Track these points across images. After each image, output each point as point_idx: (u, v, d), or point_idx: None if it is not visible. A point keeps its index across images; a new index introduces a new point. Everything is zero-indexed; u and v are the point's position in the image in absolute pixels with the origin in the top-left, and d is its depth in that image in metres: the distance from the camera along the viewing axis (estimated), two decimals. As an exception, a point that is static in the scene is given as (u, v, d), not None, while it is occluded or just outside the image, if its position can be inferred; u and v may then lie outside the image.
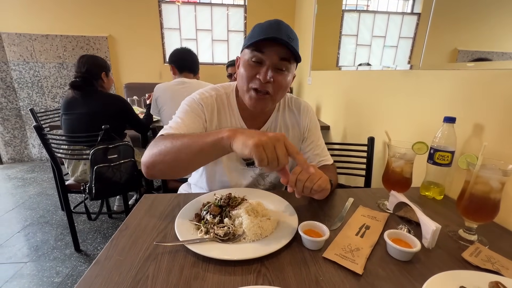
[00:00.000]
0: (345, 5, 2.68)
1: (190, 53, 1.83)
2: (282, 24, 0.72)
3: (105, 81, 1.72)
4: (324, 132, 2.13)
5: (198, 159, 0.67)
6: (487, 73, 0.80)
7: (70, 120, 1.61)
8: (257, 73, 0.73)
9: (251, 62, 0.73)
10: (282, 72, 0.74)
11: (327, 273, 0.50)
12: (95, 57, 1.70)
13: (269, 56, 0.71)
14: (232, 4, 3.25)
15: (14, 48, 2.91)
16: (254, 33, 0.73)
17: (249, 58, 0.74)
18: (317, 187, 0.66)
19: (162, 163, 0.67)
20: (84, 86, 1.58)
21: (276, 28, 0.71)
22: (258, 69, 0.73)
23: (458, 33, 1.35)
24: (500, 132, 0.74)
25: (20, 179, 2.81)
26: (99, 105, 1.61)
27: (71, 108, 1.60)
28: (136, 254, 0.54)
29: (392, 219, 0.71)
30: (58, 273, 1.52)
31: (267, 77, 0.71)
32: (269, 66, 0.72)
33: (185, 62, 1.81)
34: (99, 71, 1.66)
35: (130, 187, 1.60)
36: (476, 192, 0.59)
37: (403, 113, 1.20)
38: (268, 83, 0.73)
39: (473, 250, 0.57)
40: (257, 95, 0.75)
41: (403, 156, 0.75)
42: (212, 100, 0.84)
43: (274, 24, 0.72)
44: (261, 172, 0.91)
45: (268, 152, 0.52)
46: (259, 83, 0.73)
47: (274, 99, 0.78)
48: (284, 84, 0.76)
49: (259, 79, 0.73)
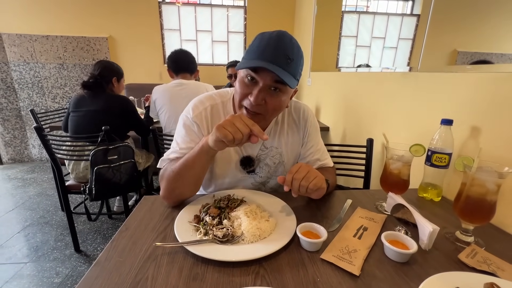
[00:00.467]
0: (344, 6, 2.69)
1: (183, 53, 1.84)
2: (283, 42, 0.67)
3: (116, 86, 1.79)
4: (324, 134, 2.14)
5: (197, 171, 0.74)
6: (485, 76, 0.81)
7: (76, 117, 1.65)
8: (250, 93, 0.70)
9: (246, 80, 0.71)
10: (275, 93, 0.71)
11: (325, 274, 0.51)
12: (110, 62, 1.79)
13: (263, 77, 0.68)
14: (232, 5, 3.25)
15: (15, 49, 2.92)
16: (253, 46, 0.70)
17: (244, 75, 0.71)
18: (313, 186, 0.66)
19: (177, 190, 0.74)
20: (94, 87, 1.65)
21: (274, 48, 0.66)
22: (251, 89, 0.70)
23: (457, 35, 1.35)
24: (496, 134, 0.75)
25: (20, 179, 2.81)
26: (106, 104, 1.65)
27: (78, 106, 1.65)
28: (136, 255, 0.55)
29: (390, 220, 0.72)
30: (58, 273, 1.52)
31: (258, 100, 0.69)
32: (262, 88, 0.69)
33: (179, 62, 1.82)
34: (111, 75, 1.74)
35: (130, 188, 1.60)
36: (473, 194, 0.60)
37: (401, 115, 1.20)
38: (259, 105, 0.71)
39: (470, 252, 0.58)
40: (248, 113, 0.73)
41: (401, 158, 0.75)
42: (206, 113, 0.83)
43: (273, 41, 0.67)
44: (262, 180, 0.91)
45: (229, 128, 0.61)
46: (250, 103, 0.71)
47: (267, 119, 0.76)
48: (277, 105, 0.73)
49: (249, 99, 0.70)
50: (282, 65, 0.66)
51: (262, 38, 0.69)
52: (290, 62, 0.67)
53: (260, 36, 0.70)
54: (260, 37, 0.70)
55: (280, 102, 0.73)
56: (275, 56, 0.66)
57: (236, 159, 0.87)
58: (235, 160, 0.87)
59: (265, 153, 0.89)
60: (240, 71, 0.73)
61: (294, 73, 0.69)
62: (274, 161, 0.90)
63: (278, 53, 0.66)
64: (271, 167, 0.90)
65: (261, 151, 0.88)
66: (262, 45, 0.68)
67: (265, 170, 0.90)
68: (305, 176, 0.67)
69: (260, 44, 0.68)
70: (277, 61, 0.66)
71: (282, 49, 0.67)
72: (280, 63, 0.66)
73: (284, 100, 0.74)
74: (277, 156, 0.90)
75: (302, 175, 0.66)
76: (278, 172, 0.91)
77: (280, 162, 0.90)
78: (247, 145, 0.86)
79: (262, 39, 0.69)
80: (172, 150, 0.81)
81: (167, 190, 0.74)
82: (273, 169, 0.90)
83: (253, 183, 0.90)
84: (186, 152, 0.77)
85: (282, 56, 0.66)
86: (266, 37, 0.68)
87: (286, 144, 0.90)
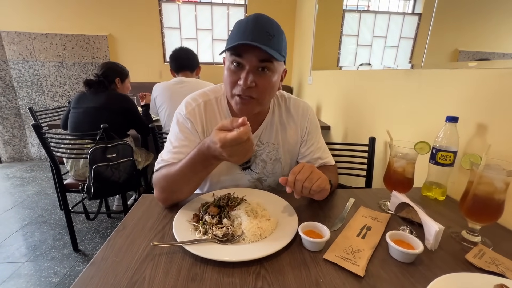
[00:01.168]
0: (346, 5, 2.68)
1: (183, 50, 1.83)
2: (260, 21, 0.67)
3: (119, 86, 1.79)
4: (325, 132, 2.12)
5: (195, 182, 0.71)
6: (490, 72, 0.79)
7: (76, 113, 1.64)
8: (239, 79, 0.69)
9: (232, 67, 0.70)
10: (264, 73, 0.69)
11: (328, 275, 0.49)
12: (115, 63, 1.80)
13: (248, 59, 0.67)
14: (232, 3, 3.24)
15: (14, 47, 2.90)
16: (233, 33, 0.69)
17: (230, 62, 0.70)
18: (316, 187, 0.65)
19: (174, 195, 0.72)
20: (96, 84, 1.65)
21: (253, 27, 0.66)
22: (239, 74, 0.69)
23: (459, 34, 1.34)
24: (504, 131, 0.73)
25: (19, 178, 2.80)
26: (107, 101, 1.64)
27: (79, 103, 1.65)
28: (133, 255, 0.53)
29: (394, 220, 0.70)
30: (56, 273, 1.51)
31: (247, 83, 0.67)
32: (250, 70, 0.68)
33: (179, 60, 1.82)
34: (114, 75, 1.75)
35: (129, 186, 1.59)
36: (480, 192, 0.58)
37: (404, 112, 1.19)
38: (250, 88, 0.69)
39: (477, 252, 0.56)
40: (241, 100, 0.71)
41: (405, 156, 0.74)
42: (199, 109, 0.81)
43: (251, 22, 0.66)
44: (259, 177, 0.89)
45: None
46: (241, 89, 0.69)
47: (261, 102, 0.74)
48: (268, 86, 0.72)
49: (240, 85, 0.69)
50: (264, 41, 0.65)
51: (240, 23, 0.69)
52: (272, 38, 0.67)
53: (237, 23, 0.70)
54: (237, 24, 0.70)
55: (271, 82, 0.72)
56: (255, 35, 0.65)
57: None
58: None
59: (261, 149, 0.87)
60: (225, 61, 0.72)
61: (278, 48, 0.68)
62: (271, 157, 0.88)
63: (258, 31, 0.65)
64: (267, 163, 0.88)
65: (257, 147, 0.86)
66: (241, 28, 0.67)
67: (261, 166, 0.88)
68: (308, 177, 0.65)
69: (239, 28, 0.68)
70: (259, 39, 0.65)
71: (261, 27, 0.66)
72: (262, 40, 0.65)
73: (275, 80, 0.73)
74: (274, 152, 0.88)
75: (305, 176, 0.65)
76: (275, 169, 0.89)
77: (276, 158, 0.88)
78: None
79: (240, 24, 0.69)
80: (166, 150, 0.79)
81: (161, 198, 0.72)
82: (269, 166, 0.88)
83: (249, 179, 0.88)
84: (180, 151, 0.76)
85: (263, 33, 0.66)
86: (243, 21, 0.69)
87: (283, 140, 0.88)
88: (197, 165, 0.65)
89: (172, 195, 0.72)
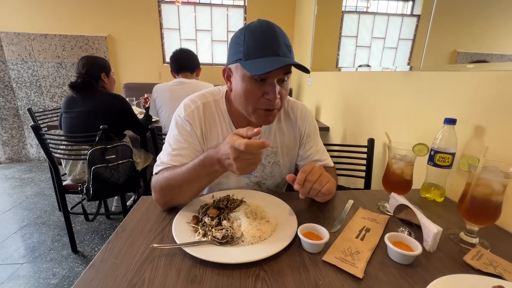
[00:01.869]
0: (345, 6, 2.68)
1: (183, 52, 1.82)
2: (277, 32, 0.66)
3: (106, 81, 1.70)
4: (324, 133, 2.13)
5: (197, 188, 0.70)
6: (488, 75, 0.79)
7: (69, 118, 1.60)
8: (264, 93, 0.68)
9: (255, 81, 0.67)
10: (285, 83, 0.71)
11: (327, 277, 0.50)
12: (95, 57, 1.68)
13: (275, 74, 0.67)
14: (232, 4, 3.24)
15: (13, 48, 2.90)
16: (250, 46, 0.65)
17: (252, 76, 0.67)
18: (325, 190, 0.65)
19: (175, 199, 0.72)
20: (83, 87, 1.57)
21: (273, 40, 0.64)
22: (263, 88, 0.68)
23: (457, 35, 1.35)
24: (502, 134, 0.74)
25: (18, 179, 2.79)
26: (98, 104, 1.59)
27: (71, 107, 1.59)
28: (132, 257, 0.53)
29: (393, 221, 0.70)
30: (55, 274, 1.50)
31: (277, 96, 0.68)
32: (276, 83, 0.68)
33: (179, 62, 1.81)
34: (99, 71, 1.65)
35: (128, 188, 1.58)
36: (478, 194, 0.59)
37: (403, 114, 1.19)
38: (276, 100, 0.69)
39: (475, 254, 0.57)
40: (267, 113, 0.71)
41: (404, 158, 0.74)
42: (198, 111, 0.80)
43: (270, 35, 0.65)
44: (257, 180, 0.89)
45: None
46: (269, 103, 0.68)
47: (280, 109, 0.76)
48: (286, 94, 0.74)
49: (268, 99, 0.68)
50: (287, 54, 0.66)
51: (254, 33, 0.66)
52: (291, 49, 0.68)
53: (249, 31, 0.67)
54: (250, 32, 0.67)
55: (287, 89, 0.74)
56: (280, 49, 0.65)
57: None
58: None
59: None
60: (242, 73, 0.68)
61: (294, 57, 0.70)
62: (269, 160, 0.88)
63: (279, 45, 0.66)
64: (266, 166, 0.88)
65: None
66: (259, 40, 0.65)
67: (259, 169, 0.88)
68: (318, 179, 0.65)
69: (256, 39, 0.66)
70: (284, 53, 0.66)
71: (281, 39, 0.66)
72: (286, 53, 0.66)
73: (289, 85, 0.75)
74: (272, 155, 0.88)
75: (315, 178, 0.65)
76: (273, 172, 0.90)
77: (275, 162, 0.89)
78: None
79: (255, 34, 0.66)
80: (165, 153, 0.78)
81: (161, 201, 0.72)
82: (268, 169, 0.89)
83: (248, 183, 0.88)
84: (179, 154, 0.76)
85: (284, 46, 0.66)
86: (257, 31, 0.66)
87: (282, 144, 0.88)
88: (202, 171, 0.64)
89: (172, 199, 0.71)
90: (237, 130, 0.57)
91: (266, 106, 0.70)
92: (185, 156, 0.76)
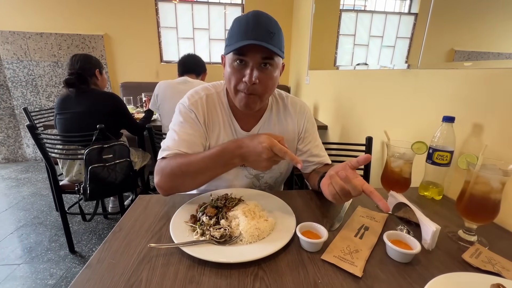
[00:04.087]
0: (342, 5, 2.68)
1: (190, 56, 1.92)
2: (261, 19, 0.69)
3: (99, 78, 1.69)
4: (322, 132, 2.12)
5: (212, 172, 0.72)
6: (486, 72, 0.79)
7: (64, 119, 1.58)
8: (243, 76, 0.71)
9: (235, 64, 0.71)
10: (267, 69, 0.72)
11: (326, 275, 0.49)
12: (88, 55, 1.67)
13: (252, 57, 0.69)
14: (229, 3, 3.23)
15: (8, 46, 2.87)
16: (233, 31, 0.71)
17: (232, 60, 0.72)
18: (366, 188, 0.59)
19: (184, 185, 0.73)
20: (78, 83, 1.55)
21: (255, 26, 0.67)
22: (243, 71, 0.71)
23: (455, 34, 1.35)
24: (500, 131, 0.74)
25: (14, 179, 2.77)
26: (93, 103, 1.57)
27: (65, 108, 1.56)
28: (129, 257, 0.53)
29: (391, 219, 0.70)
30: (52, 275, 1.49)
31: (252, 79, 0.70)
32: (253, 67, 0.70)
33: (186, 65, 1.88)
34: (93, 68, 1.64)
35: (125, 187, 1.57)
36: (476, 192, 0.59)
37: (401, 112, 1.19)
38: (254, 85, 0.71)
39: (473, 251, 0.57)
40: (245, 96, 0.73)
41: (402, 156, 0.74)
42: (202, 101, 0.82)
43: (252, 21, 0.68)
44: (256, 173, 0.89)
45: None
46: (246, 86, 0.71)
47: (263, 98, 0.76)
48: (270, 82, 0.74)
49: (245, 82, 0.71)
50: (267, 39, 0.67)
51: (240, 21, 0.71)
52: (273, 36, 0.69)
53: (237, 20, 0.72)
54: (237, 21, 0.71)
55: (273, 77, 0.74)
56: (258, 33, 0.67)
57: None
58: None
59: None
60: (228, 58, 0.74)
61: (279, 45, 0.71)
62: None
63: (260, 30, 0.68)
64: None
65: None
66: (242, 26, 0.69)
67: None
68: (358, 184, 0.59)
69: (240, 26, 0.70)
70: (262, 38, 0.67)
71: (263, 25, 0.68)
72: (265, 38, 0.67)
73: (276, 75, 0.76)
74: None
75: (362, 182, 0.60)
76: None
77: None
78: (240, 135, 0.85)
79: (240, 22, 0.70)
80: (170, 138, 0.79)
81: (167, 186, 0.73)
82: None
83: (246, 175, 0.88)
84: (185, 139, 0.77)
85: (265, 31, 0.68)
86: (243, 19, 0.70)
87: None
88: (220, 161, 0.68)
89: (181, 185, 0.73)
90: (274, 135, 0.65)
91: (243, 89, 0.72)
92: (191, 142, 0.78)
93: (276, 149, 0.61)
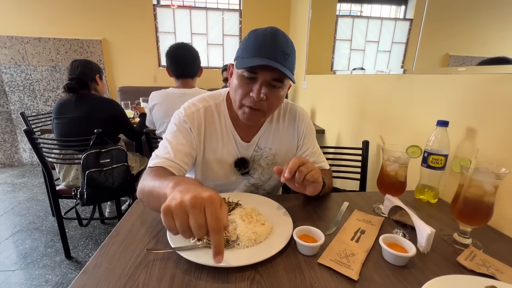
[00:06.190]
0: (339, 10, 2.71)
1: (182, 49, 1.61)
2: (278, 38, 0.68)
3: (99, 84, 1.70)
4: (319, 136, 2.14)
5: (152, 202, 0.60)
6: (478, 78, 0.81)
7: (61, 124, 1.58)
8: (250, 90, 0.71)
9: (244, 78, 0.71)
10: (275, 89, 0.72)
11: (322, 279, 0.50)
12: (88, 60, 1.69)
13: (263, 75, 0.69)
14: (227, 8, 3.26)
15: (5, 51, 2.87)
16: (248, 45, 0.69)
17: (242, 73, 0.71)
18: (309, 177, 0.64)
19: (148, 205, 0.65)
20: (78, 88, 1.56)
21: (271, 44, 0.67)
22: (251, 86, 0.71)
23: (449, 39, 1.37)
24: (492, 135, 0.75)
25: (10, 184, 2.74)
26: (92, 109, 1.57)
27: (62, 112, 1.57)
28: (126, 262, 0.53)
29: (387, 223, 0.71)
30: (48, 281, 1.48)
31: (260, 95, 0.69)
32: (262, 83, 0.69)
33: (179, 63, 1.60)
34: (93, 73, 1.65)
35: (123, 192, 1.57)
36: (470, 195, 0.59)
37: (397, 116, 1.21)
38: (260, 101, 0.71)
39: (468, 254, 0.57)
40: (250, 111, 0.73)
41: (398, 160, 0.75)
42: (198, 114, 0.81)
43: (270, 38, 0.67)
44: (255, 182, 0.90)
45: (178, 221, 0.41)
46: (252, 100, 0.71)
47: (266, 115, 0.77)
48: (277, 101, 0.74)
49: (252, 97, 0.70)
50: (281, 61, 0.67)
51: (257, 35, 0.69)
52: (288, 58, 0.69)
53: (253, 33, 0.70)
54: (254, 34, 0.70)
55: (280, 97, 0.75)
56: (273, 53, 0.67)
57: (230, 161, 0.85)
58: (229, 162, 0.85)
59: (259, 154, 0.87)
60: (234, 68, 0.74)
61: (291, 68, 0.72)
62: (268, 162, 0.89)
63: (276, 49, 0.67)
64: (264, 168, 0.89)
65: (255, 152, 0.87)
66: (258, 42, 0.68)
67: (258, 171, 0.89)
68: (305, 164, 0.65)
69: (256, 41, 0.68)
70: (276, 58, 0.67)
71: (279, 45, 0.68)
72: (279, 59, 0.67)
73: (283, 94, 0.76)
74: (270, 157, 0.89)
75: (302, 161, 0.65)
76: (271, 174, 0.90)
77: (273, 163, 0.89)
78: (241, 146, 0.85)
79: (257, 36, 0.69)
80: (162, 146, 0.79)
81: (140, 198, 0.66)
82: (266, 171, 0.89)
83: (246, 185, 0.89)
84: (175, 148, 0.75)
85: (280, 52, 0.67)
86: (260, 34, 0.69)
87: (280, 145, 0.89)
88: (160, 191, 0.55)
89: (147, 204, 0.65)
90: None
91: (249, 104, 0.72)
92: (182, 152, 0.77)
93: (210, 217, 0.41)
